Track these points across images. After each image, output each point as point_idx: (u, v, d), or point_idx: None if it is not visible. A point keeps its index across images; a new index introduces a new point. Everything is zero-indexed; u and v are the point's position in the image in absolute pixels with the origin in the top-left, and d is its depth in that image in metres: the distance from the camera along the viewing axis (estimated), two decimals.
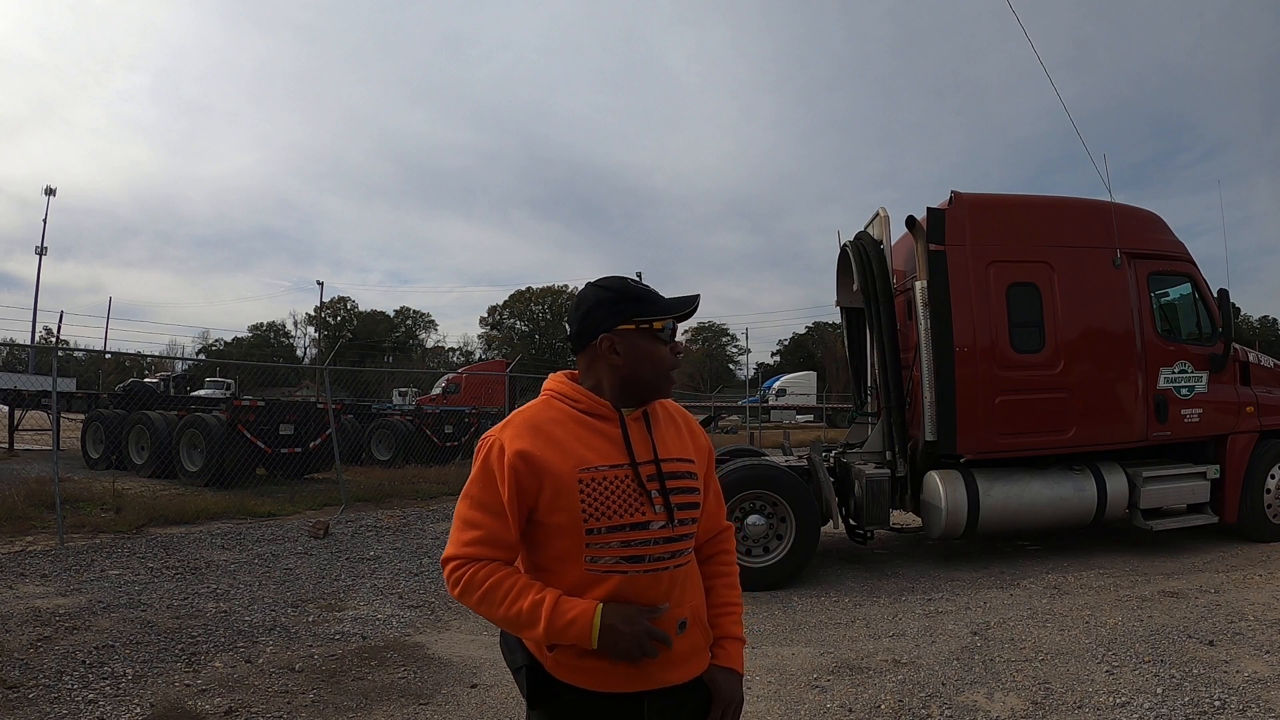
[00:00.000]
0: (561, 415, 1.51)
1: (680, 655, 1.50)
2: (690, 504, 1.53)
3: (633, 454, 1.48)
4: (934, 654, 4.41)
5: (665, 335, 1.54)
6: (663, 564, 1.48)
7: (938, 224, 6.54)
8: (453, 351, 74.77)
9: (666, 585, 1.48)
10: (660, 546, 1.47)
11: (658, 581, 1.47)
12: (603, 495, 1.44)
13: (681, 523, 1.50)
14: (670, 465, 1.51)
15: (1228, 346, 7.06)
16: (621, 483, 1.46)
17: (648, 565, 1.46)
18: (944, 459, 6.50)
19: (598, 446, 1.48)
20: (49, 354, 21.22)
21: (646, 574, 1.46)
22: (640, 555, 1.45)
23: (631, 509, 1.45)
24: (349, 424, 13.69)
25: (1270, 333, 59.58)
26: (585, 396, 1.53)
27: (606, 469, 1.46)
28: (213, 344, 66.54)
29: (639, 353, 1.52)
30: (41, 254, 42.66)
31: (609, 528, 1.44)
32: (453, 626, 5.14)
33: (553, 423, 1.50)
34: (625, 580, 1.45)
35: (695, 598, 1.57)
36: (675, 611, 1.49)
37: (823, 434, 23.84)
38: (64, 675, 3.97)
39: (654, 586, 1.46)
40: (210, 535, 8.00)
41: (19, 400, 15.72)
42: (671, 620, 1.48)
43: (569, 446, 1.46)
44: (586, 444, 1.47)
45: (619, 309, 1.52)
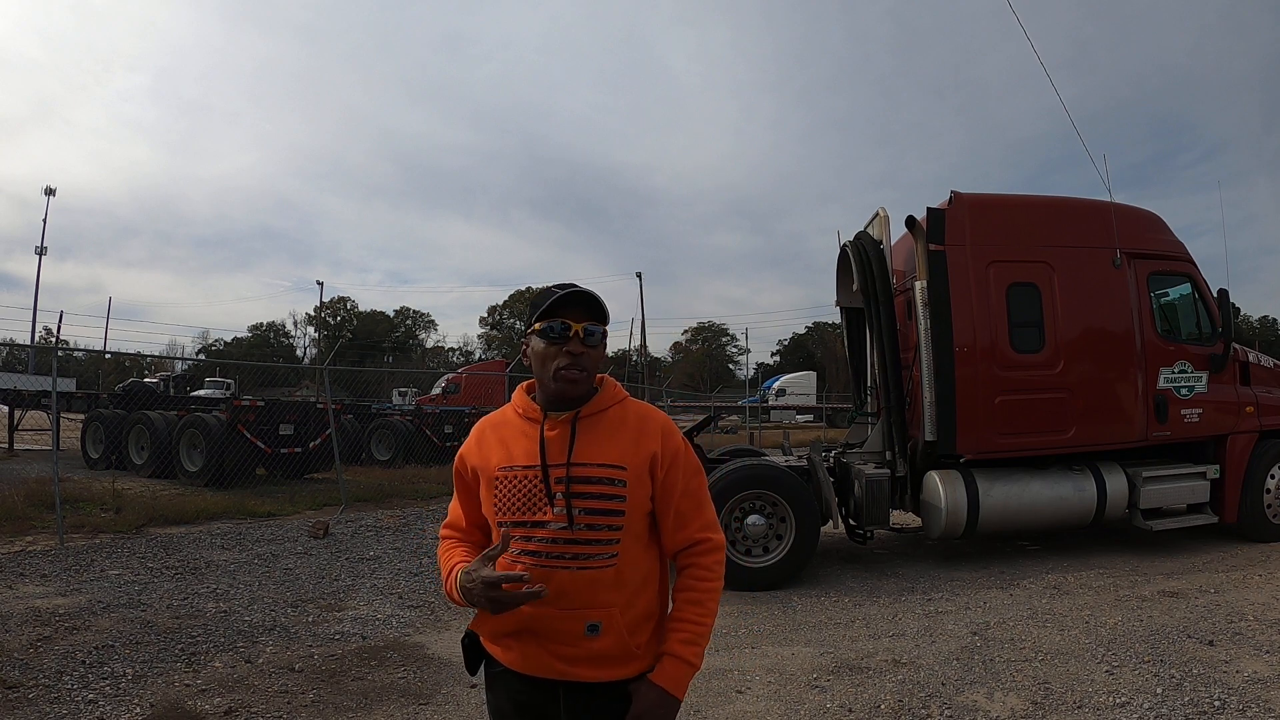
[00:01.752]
0: (506, 419, 1.66)
1: (589, 656, 1.53)
2: (601, 509, 1.53)
3: (544, 456, 1.54)
4: (934, 654, 4.41)
5: (552, 335, 1.55)
6: (561, 563, 1.52)
7: (938, 224, 6.54)
8: (453, 351, 74.86)
9: (565, 585, 1.51)
10: (558, 546, 1.52)
11: (551, 578, 1.50)
12: (510, 492, 1.56)
13: (590, 527, 1.52)
14: (582, 469, 1.53)
15: (1228, 346, 7.06)
16: (528, 482, 1.55)
17: (543, 561, 1.52)
18: (944, 459, 6.50)
19: (522, 448, 1.58)
20: (49, 354, 21.21)
21: (541, 569, 1.51)
22: (537, 551, 1.52)
23: (532, 507, 1.54)
24: (349, 424, 13.68)
25: (1270, 333, 59.59)
26: (522, 402, 1.64)
27: (521, 469, 1.56)
28: (213, 344, 66.59)
29: (535, 355, 1.59)
30: (41, 254, 42.73)
31: (513, 522, 1.56)
32: (453, 626, 5.14)
33: (499, 425, 1.66)
34: (525, 571, 1.51)
35: (623, 607, 1.55)
36: (584, 613, 1.52)
37: (823, 434, 23.85)
38: (64, 675, 3.97)
39: (549, 581, 1.50)
40: (210, 535, 8.00)
41: (19, 400, 15.70)
42: (578, 620, 1.52)
43: (499, 447, 1.61)
44: (514, 445, 1.60)
45: (529, 316, 1.63)
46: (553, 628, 1.53)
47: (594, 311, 1.58)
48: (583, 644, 1.53)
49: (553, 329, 1.55)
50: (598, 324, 1.58)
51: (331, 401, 11.52)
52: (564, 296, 1.56)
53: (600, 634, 1.53)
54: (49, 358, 18.70)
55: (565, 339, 1.54)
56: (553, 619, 1.52)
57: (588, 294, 1.58)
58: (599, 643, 1.53)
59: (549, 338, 1.55)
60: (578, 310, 1.56)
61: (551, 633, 1.53)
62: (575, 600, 1.52)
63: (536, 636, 1.55)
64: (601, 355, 1.61)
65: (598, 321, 1.58)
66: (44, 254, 42.87)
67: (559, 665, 1.53)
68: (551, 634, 1.53)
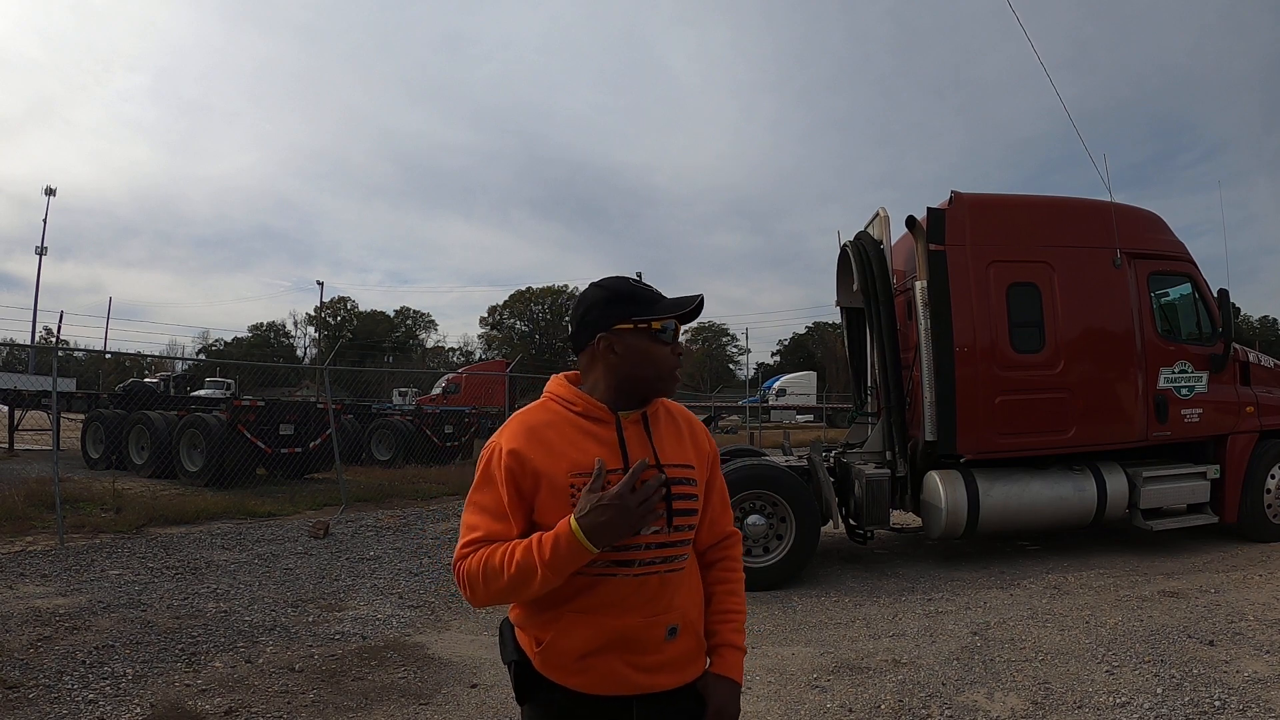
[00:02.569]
0: (557, 418, 1.51)
1: (669, 661, 1.49)
2: (688, 510, 1.51)
3: (627, 458, 1.46)
4: (934, 654, 4.41)
5: (665, 336, 1.52)
6: (653, 568, 1.46)
7: (938, 224, 6.54)
8: (453, 351, 74.79)
9: (655, 589, 1.47)
10: (652, 551, 1.46)
11: (645, 585, 1.46)
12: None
13: (678, 528, 1.49)
14: (669, 470, 1.49)
15: (1228, 346, 7.06)
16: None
17: (637, 570, 1.45)
18: (944, 459, 6.50)
19: (590, 450, 1.46)
20: (49, 354, 21.22)
21: (635, 577, 1.45)
22: (630, 560, 1.44)
23: None
24: (349, 424, 13.69)
25: (1270, 333, 59.56)
26: (581, 399, 1.52)
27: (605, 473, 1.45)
28: (213, 344, 66.58)
29: (636, 353, 1.50)
30: (41, 254, 42.70)
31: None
32: (453, 626, 5.15)
33: (548, 425, 1.49)
34: (615, 583, 1.44)
35: (689, 604, 1.54)
36: (665, 617, 1.47)
37: (823, 434, 23.85)
38: (64, 675, 3.97)
39: (641, 589, 1.45)
40: (210, 535, 8.00)
41: (19, 400, 15.72)
42: (660, 625, 1.47)
43: (562, 450, 1.46)
44: (579, 447, 1.46)
45: (616, 309, 1.51)
46: (639, 637, 1.46)
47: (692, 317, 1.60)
48: (664, 649, 1.48)
49: (669, 330, 1.53)
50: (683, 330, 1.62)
51: (331, 401, 11.54)
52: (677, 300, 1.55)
53: (678, 636, 1.49)
54: (49, 358, 18.71)
55: (675, 340, 1.55)
56: (639, 628, 1.45)
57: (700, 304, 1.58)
58: (677, 645, 1.50)
59: (663, 339, 1.52)
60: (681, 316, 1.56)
61: (636, 643, 1.46)
62: (659, 605, 1.47)
63: (618, 650, 1.45)
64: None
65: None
66: (44, 254, 42.88)
67: (638, 677, 1.46)
68: (636, 644, 1.46)
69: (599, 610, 1.44)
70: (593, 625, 1.44)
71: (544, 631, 1.47)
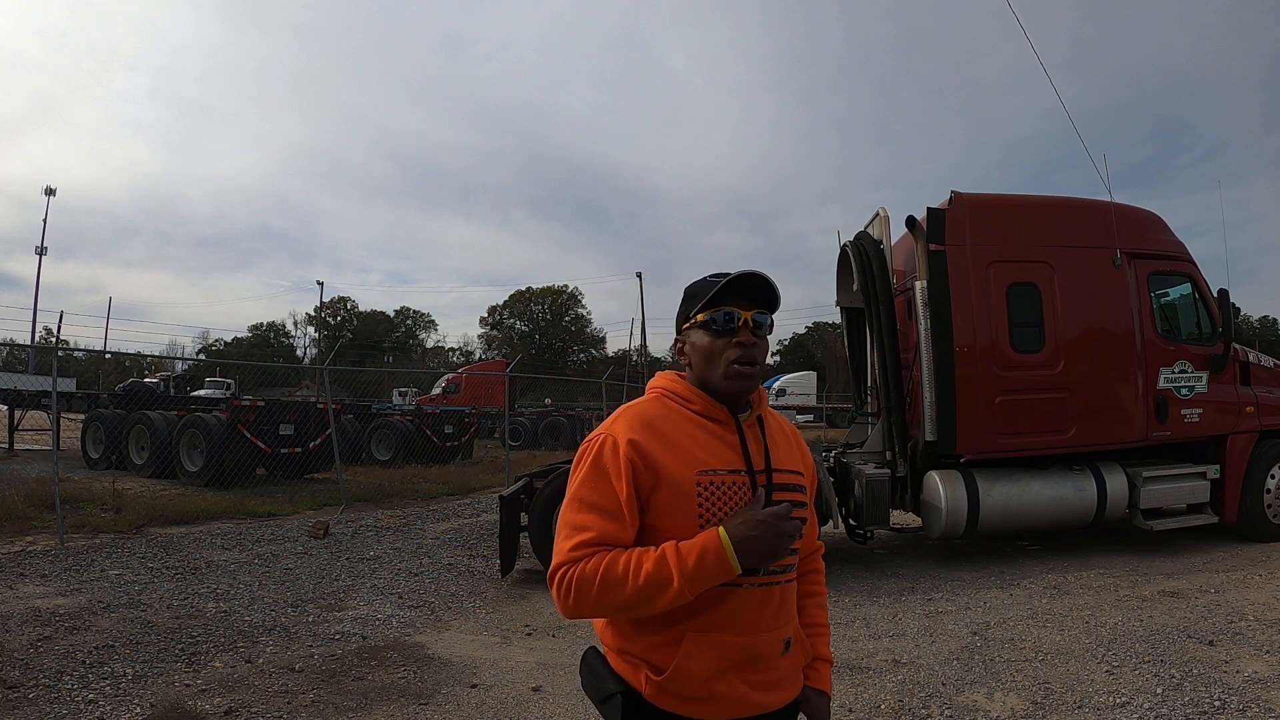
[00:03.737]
0: (674, 414, 1.41)
1: (783, 676, 1.43)
2: (802, 519, 1.44)
3: (750, 460, 1.38)
4: (934, 654, 4.41)
5: (715, 326, 1.40)
6: (775, 578, 1.39)
7: (938, 224, 6.54)
8: (453, 351, 74.80)
9: (778, 602, 1.40)
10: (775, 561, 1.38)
11: (769, 597, 1.38)
12: (723, 501, 1.34)
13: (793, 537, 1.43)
14: (783, 476, 1.43)
15: (1228, 346, 7.06)
16: (741, 489, 1.36)
17: (763, 579, 1.36)
18: (944, 459, 6.50)
19: (713, 449, 1.38)
20: (49, 354, 21.21)
21: (761, 588, 1.36)
22: (755, 569, 1.33)
23: None
24: (349, 424, 13.69)
25: (1270, 333, 59.56)
26: (700, 397, 1.42)
27: (725, 473, 1.36)
28: (213, 344, 66.57)
29: (698, 352, 1.42)
30: (41, 254, 42.71)
31: None
32: (453, 626, 5.15)
33: (666, 420, 1.40)
34: (741, 595, 1.34)
35: (793, 615, 1.49)
36: (783, 630, 1.41)
37: (823, 434, 23.85)
38: (64, 675, 3.97)
39: (766, 603, 1.38)
40: (210, 535, 8.00)
41: (19, 400, 15.72)
42: (779, 640, 1.41)
43: (684, 446, 1.36)
44: (702, 446, 1.37)
45: (684, 308, 1.47)
46: (762, 654, 1.38)
47: (763, 297, 1.42)
48: (781, 664, 1.41)
49: (716, 319, 1.39)
50: (766, 311, 1.43)
51: (331, 401, 11.53)
52: (731, 282, 1.40)
53: (790, 650, 1.43)
54: (49, 358, 18.70)
55: (733, 330, 1.39)
56: (762, 644, 1.38)
57: (756, 277, 1.40)
58: (790, 659, 1.44)
59: (714, 330, 1.39)
60: (744, 298, 1.41)
61: (758, 660, 1.37)
62: (781, 617, 1.41)
63: (741, 670, 1.35)
64: (767, 348, 1.46)
65: (766, 309, 1.43)
66: (44, 254, 42.89)
67: (757, 696, 1.37)
68: (758, 661, 1.37)
69: (724, 628, 1.33)
70: (718, 645, 1.33)
71: (660, 656, 1.33)
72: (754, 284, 1.40)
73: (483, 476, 13.68)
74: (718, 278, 1.42)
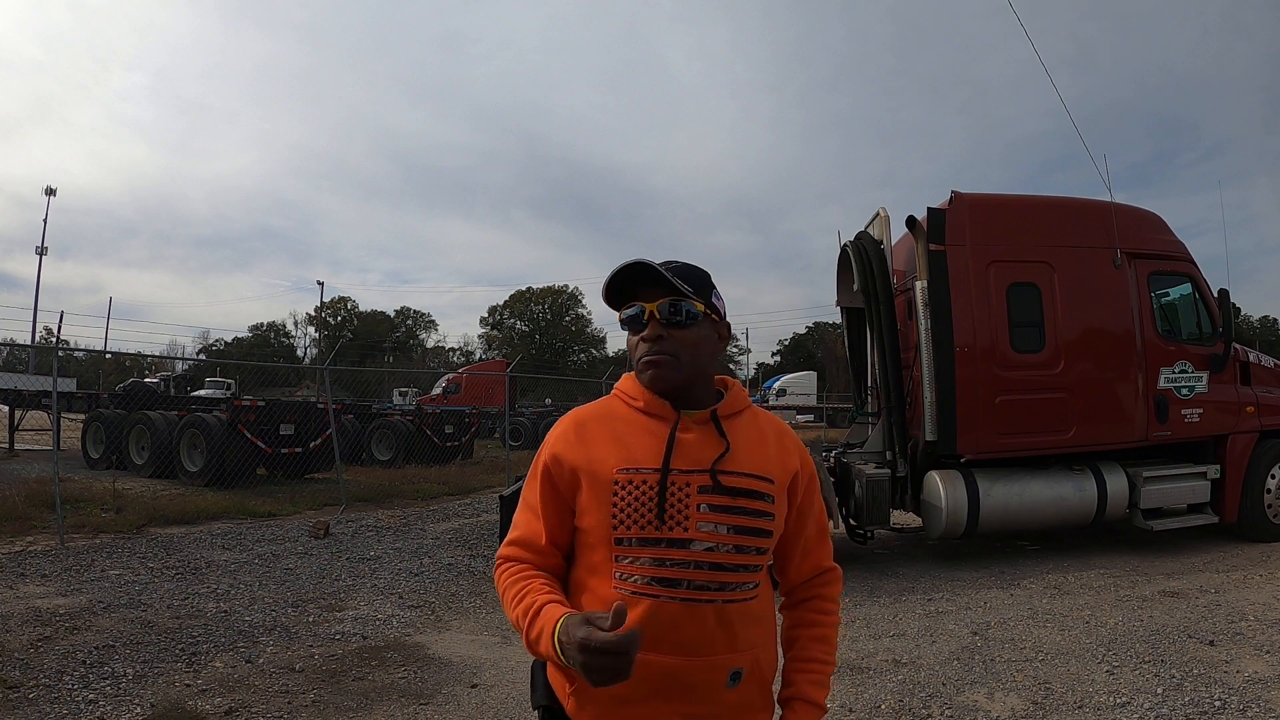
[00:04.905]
0: (616, 413, 1.36)
1: (730, 710, 1.27)
2: (752, 529, 1.27)
3: (668, 461, 1.26)
4: (934, 654, 4.41)
5: (626, 324, 1.34)
6: (705, 595, 1.24)
7: (938, 224, 6.54)
8: (453, 351, 74.82)
9: (713, 623, 1.24)
10: (705, 572, 1.24)
11: (696, 614, 1.23)
12: (638, 500, 1.25)
13: (739, 549, 1.27)
14: (732, 479, 1.27)
15: (1228, 346, 7.06)
16: (650, 488, 1.26)
17: (685, 592, 1.23)
18: (944, 459, 6.50)
19: (645, 446, 1.29)
20: (49, 354, 21.23)
21: (684, 603, 1.23)
22: (677, 579, 1.23)
23: (672, 521, 1.24)
24: (349, 424, 13.69)
25: (1270, 333, 59.57)
26: (642, 394, 1.34)
27: (649, 471, 1.26)
28: (213, 344, 66.56)
29: (628, 349, 1.38)
30: (41, 254, 42.66)
31: (640, 539, 1.24)
32: (453, 626, 5.15)
33: (606, 418, 1.35)
34: (656, 606, 1.23)
35: (762, 646, 1.31)
36: (728, 658, 1.25)
37: (823, 434, 23.84)
38: (64, 675, 3.97)
39: (691, 620, 1.23)
40: (210, 535, 8.00)
41: (19, 400, 15.71)
42: (722, 669, 1.25)
43: (614, 444, 1.30)
44: (634, 443, 1.30)
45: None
46: (690, 682, 1.23)
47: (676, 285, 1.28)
48: (723, 698, 1.25)
49: (626, 318, 1.33)
50: (682, 298, 1.29)
51: (332, 401, 11.55)
52: (620, 275, 1.30)
53: (743, 682, 1.26)
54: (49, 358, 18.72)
55: (641, 324, 1.31)
56: (693, 671, 1.23)
57: (643, 267, 1.28)
58: (740, 693, 1.27)
59: (627, 327, 1.34)
60: (653, 288, 1.30)
61: (687, 690, 1.23)
62: (718, 643, 1.24)
63: (667, 699, 1.23)
64: (699, 338, 1.31)
65: (682, 296, 1.29)
66: (44, 254, 42.86)
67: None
68: (687, 691, 1.24)
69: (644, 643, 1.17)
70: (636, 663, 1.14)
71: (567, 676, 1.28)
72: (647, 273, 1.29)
73: (483, 476, 13.68)
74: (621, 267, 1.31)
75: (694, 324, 1.30)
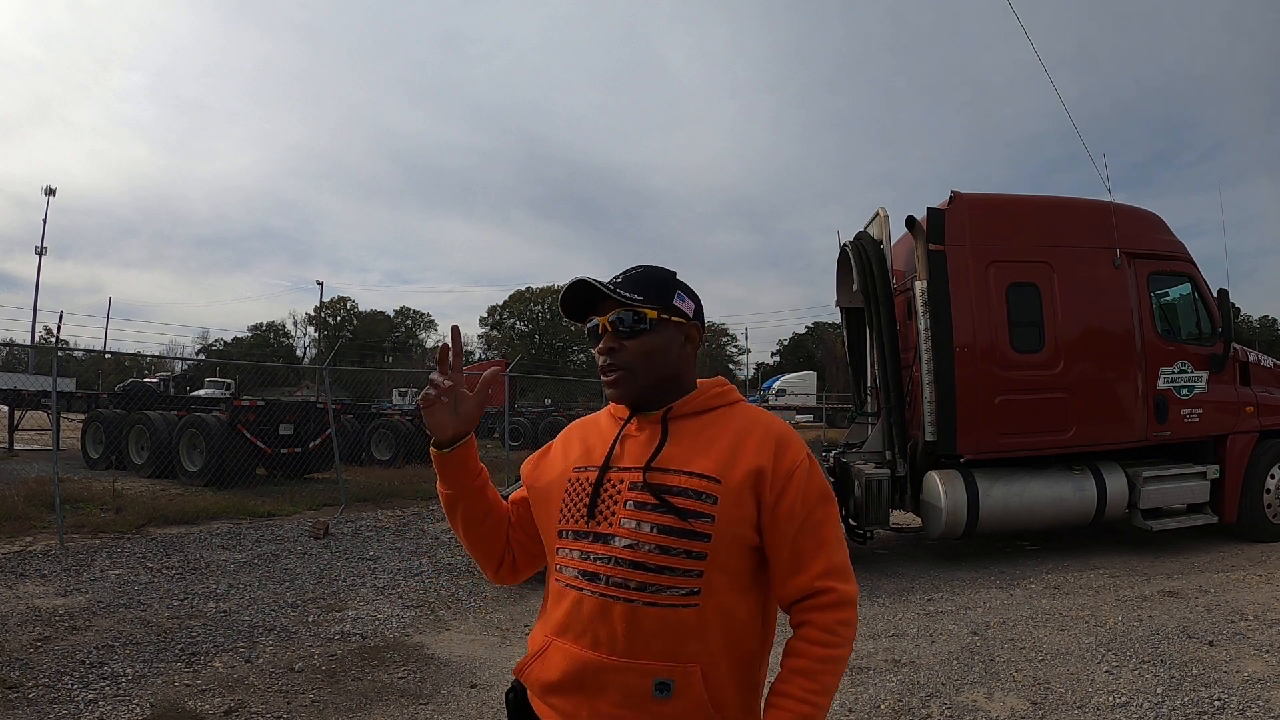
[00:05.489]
0: (599, 419, 1.44)
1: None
2: (677, 529, 1.20)
3: (609, 456, 1.30)
4: (934, 654, 4.41)
5: (589, 336, 1.37)
6: (624, 593, 1.20)
7: (938, 224, 6.54)
8: None
9: (624, 627, 1.19)
10: (622, 570, 1.21)
11: (608, 614, 1.20)
12: (578, 496, 1.29)
13: (662, 550, 1.20)
14: (662, 476, 1.24)
15: (1227, 346, 7.06)
16: (587, 485, 1.29)
17: (604, 587, 1.21)
18: (944, 459, 6.50)
19: (597, 447, 1.35)
20: (49, 354, 21.22)
21: (598, 598, 1.21)
22: (596, 573, 1.23)
23: (600, 517, 1.25)
24: (349, 424, 13.69)
25: (1270, 333, 59.60)
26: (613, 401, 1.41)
27: (592, 469, 1.30)
28: (212, 344, 66.56)
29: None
30: (41, 254, 42.64)
31: (575, 532, 1.28)
32: (453, 626, 5.15)
33: (586, 425, 1.44)
34: (579, 598, 1.24)
35: (711, 661, 1.21)
36: (650, 665, 1.18)
37: (823, 434, 23.83)
38: (64, 675, 3.97)
39: (603, 620, 1.20)
40: (210, 535, 8.00)
41: (19, 400, 15.71)
42: (645, 675, 1.18)
43: (579, 446, 1.38)
44: (594, 444, 1.36)
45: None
46: (610, 681, 1.20)
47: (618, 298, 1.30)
48: (648, 708, 1.18)
49: (586, 330, 1.37)
50: (627, 308, 1.30)
51: (331, 401, 11.53)
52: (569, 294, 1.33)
53: (673, 695, 1.18)
54: (49, 358, 18.72)
55: (597, 337, 1.34)
56: (611, 670, 1.19)
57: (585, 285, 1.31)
58: (670, 708, 1.18)
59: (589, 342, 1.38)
60: (606, 301, 1.32)
61: (609, 688, 1.20)
62: (642, 647, 1.19)
63: (588, 694, 1.21)
64: (655, 345, 1.31)
65: (630, 304, 1.29)
66: (44, 254, 42.83)
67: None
68: (609, 690, 1.20)
69: (567, 634, 1.24)
70: (563, 653, 1.24)
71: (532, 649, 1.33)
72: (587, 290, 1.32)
73: None
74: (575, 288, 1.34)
75: (647, 332, 1.31)
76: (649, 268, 1.37)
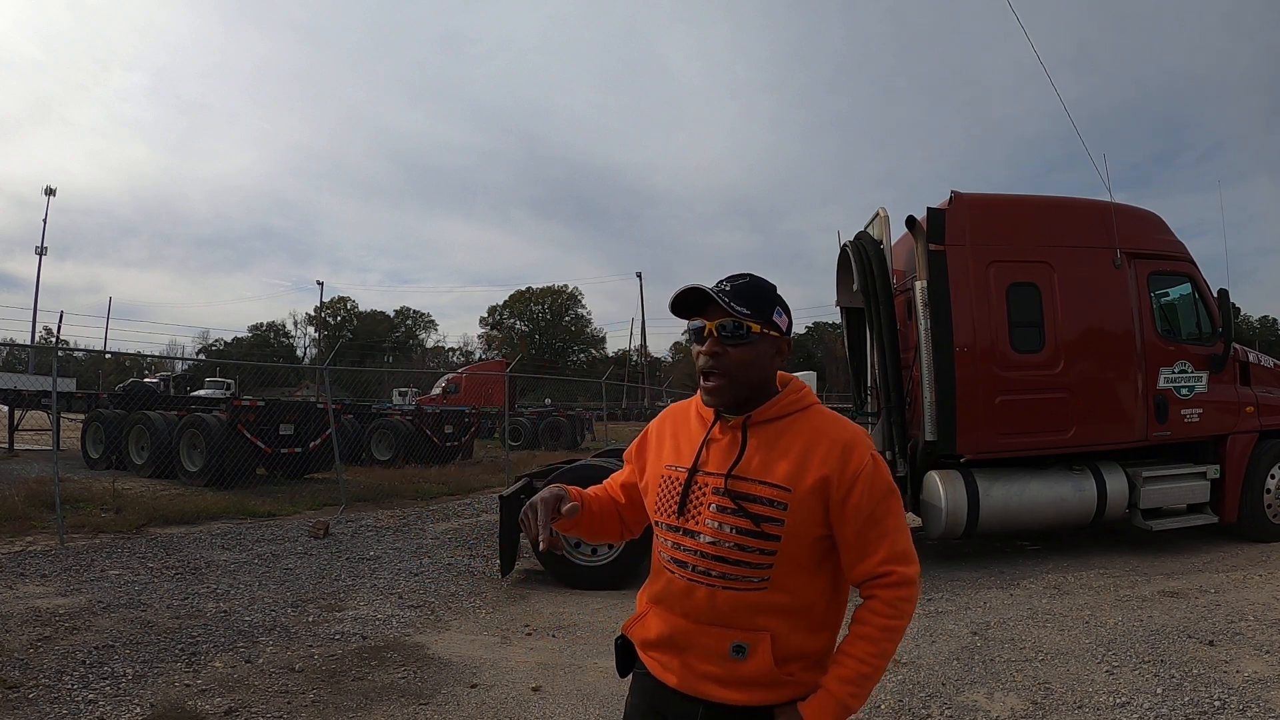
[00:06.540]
0: (688, 413, 1.61)
1: (737, 678, 1.44)
2: (753, 531, 1.42)
3: (696, 460, 1.50)
4: (934, 654, 4.42)
5: (692, 334, 1.51)
6: (706, 580, 1.45)
7: (938, 224, 6.54)
8: (453, 351, 74.84)
9: (704, 600, 1.45)
10: (705, 561, 1.45)
11: (692, 594, 1.47)
12: (669, 493, 1.52)
13: (740, 548, 1.43)
14: (740, 484, 1.44)
15: (1228, 346, 7.06)
16: (678, 485, 1.51)
17: (690, 574, 1.47)
18: (944, 459, 6.50)
19: (686, 447, 1.54)
20: (49, 354, 21.23)
21: (686, 581, 1.48)
22: (685, 562, 1.48)
23: (688, 515, 1.49)
24: (349, 424, 13.68)
25: (1270, 333, 59.61)
26: (700, 399, 1.57)
27: (680, 470, 1.52)
28: (213, 344, 66.61)
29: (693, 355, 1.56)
30: (41, 254, 42.79)
31: (668, 525, 1.52)
32: (453, 626, 5.15)
33: (679, 416, 1.63)
34: (669, 580, 1.51)
35: (783, 631, 1.45)
36: (729, 633, 1.44)
37: None
38: (64, 675, 3.97)
39: (688, 597, 1.48)
40: (210, 535, 8.00)
41: (19, 400, 15.70)
42: (724, 639, 1.44)
43: (672, 442, 1.58)
44: (683, 443, 1.56)
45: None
46: (697, 643, 1.46)
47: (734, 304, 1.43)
48: (728, 664, 1.44)
49: (691, 329, 1.50)
50: (734, 318, 1.44)
51: (331, 401, 11.54)
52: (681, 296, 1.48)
53: (747, 656, 1.43)
54: (49, 358, 18.73)
55: (702, 337, 1.48)
56: (697, 634, 1.46)
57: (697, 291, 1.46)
58: (745, 666, 1.43)
59: (689, 336, 1.54)
60: (714, 307, 1.45)
61: (696, 648, 1.47)
62: (716, 617, 1.45)
63: (680, 650, 1.49)
64: (754, 356, 1.46)
65: (738, 316, 1.43)
66: (44, 254, 42.96)
67: (701, 684, 1.46)
68: (696, 649, 1.47)
69: (661, 604, 1.53)
70: (660, 618, 1.53)
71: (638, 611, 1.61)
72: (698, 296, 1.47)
73: (483, 476, 13.68)
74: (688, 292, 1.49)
75: (748, 343, 1.45)
76: (754, 279, 1.50)
